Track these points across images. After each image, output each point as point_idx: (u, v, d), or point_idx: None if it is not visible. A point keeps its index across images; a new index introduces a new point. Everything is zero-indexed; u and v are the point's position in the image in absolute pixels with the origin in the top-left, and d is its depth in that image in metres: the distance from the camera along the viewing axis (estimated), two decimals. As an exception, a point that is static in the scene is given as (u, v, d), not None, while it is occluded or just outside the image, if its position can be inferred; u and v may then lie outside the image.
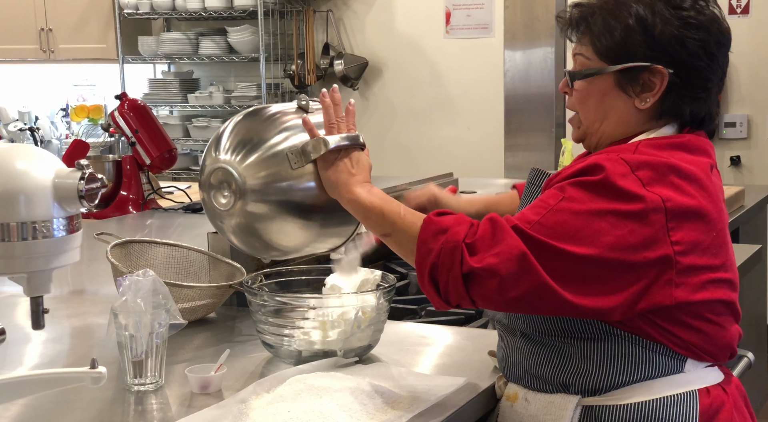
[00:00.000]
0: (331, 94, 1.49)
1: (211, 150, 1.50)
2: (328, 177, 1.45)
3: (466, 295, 1.29)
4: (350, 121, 1.50)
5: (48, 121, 6.00)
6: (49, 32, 5.80)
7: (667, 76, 1.35)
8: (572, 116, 1.48)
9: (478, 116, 5.37)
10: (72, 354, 1.74)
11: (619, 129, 1.41)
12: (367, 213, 1.41)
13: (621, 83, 1.38)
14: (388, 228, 1.39)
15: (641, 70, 1.36)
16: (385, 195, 1.43)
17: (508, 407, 1.45)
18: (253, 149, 1.46)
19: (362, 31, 5.66)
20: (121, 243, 1.86)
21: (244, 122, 1.52)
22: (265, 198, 1.46)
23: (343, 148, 1.46)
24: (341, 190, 1.44)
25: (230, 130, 1.51)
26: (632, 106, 1.39)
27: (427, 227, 1.33)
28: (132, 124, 3.31)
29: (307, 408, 1.31)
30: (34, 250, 1.11)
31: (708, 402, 1.37)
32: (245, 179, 1.45)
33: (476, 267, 1.26)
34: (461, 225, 1.31)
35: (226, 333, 1.78)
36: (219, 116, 5.86)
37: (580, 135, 1.47)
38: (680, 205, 1.29)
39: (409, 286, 2.25)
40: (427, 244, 1.31)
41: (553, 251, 1.26)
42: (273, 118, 1.51)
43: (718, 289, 1.36)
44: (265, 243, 1.51)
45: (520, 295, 1.27)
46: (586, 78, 1.40)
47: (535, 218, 1.28)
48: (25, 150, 1.13)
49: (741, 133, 4.84)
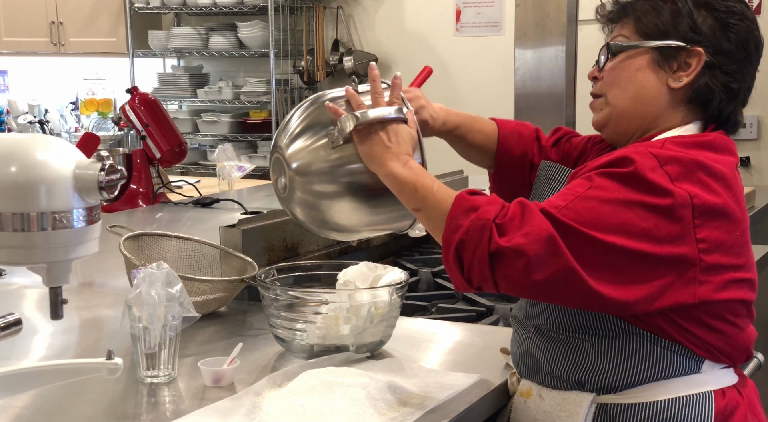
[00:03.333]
0: (370, 69, 1.52)
1: (279, 134, 1.53)
2: (364, 151, 1.44)
3: (490, 276, 1.28)
4: (394, 94, 1.50)
5: (57, 115, 6.01)
6: (60, 26, 5.81)
7: (704, 57, 1.37)
8: (594, 101, 1.47)
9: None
10: (80, 345, 1.74)
11: (648, 108, 1.41)
12: (400, 187, 1.40)
13: (658, 60, 1.39)
14: (419, 202, 1.37)
15: (679, 50, 1.38)
16: (422, 169, 1.42)
17: (521, 403, 1.45)
18: (305, 134, 1.48)
19: (372, 28, 5.66)
20: (134, 235, 1.86)
21: (305, 108, 1.53)
22: (318, 181, 1.47)
23: (379, 121, 1.44)
24: (377, 163, 1.42)
25: (288, 118, 1.54)
26: (665, 84, 1.40)
27: (459, 204, 1.32)
28: (143, 118, 3.32)
29: (320, 402, 1.31)
30: (54, 241, 1.11)
31: (723, 403, 1.37)
32: (291, 164, 1.47)
33: (504, 246, 1.25)
34: (493, 204, 1.30)
35: (238, 327, 1.78)
36: (228, 111, 5.87)
37: (603, 119, 1.46)
38: (707, 202, 1.29)
39: (420, 283, 2.25)
40: (456, 220, 1.30)
41: (580, 236, 1.25)
42: (324, 103, 1.52)
43: (740, 289, 1.35)
44: (326, 223, 1.51)
45: (545, 278, 1.25)
46: (625, 51, 1.41)
47: (563, 204, 1.28)
48: (45, 140, 1.13)
49: (751, 134, 4.83)
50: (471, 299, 2.06)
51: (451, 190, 1.37)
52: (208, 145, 5.95)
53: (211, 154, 5.67)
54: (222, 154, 3.64)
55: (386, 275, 1.62)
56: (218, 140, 5.74)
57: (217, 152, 3.66)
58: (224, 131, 5.80)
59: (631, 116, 1.42)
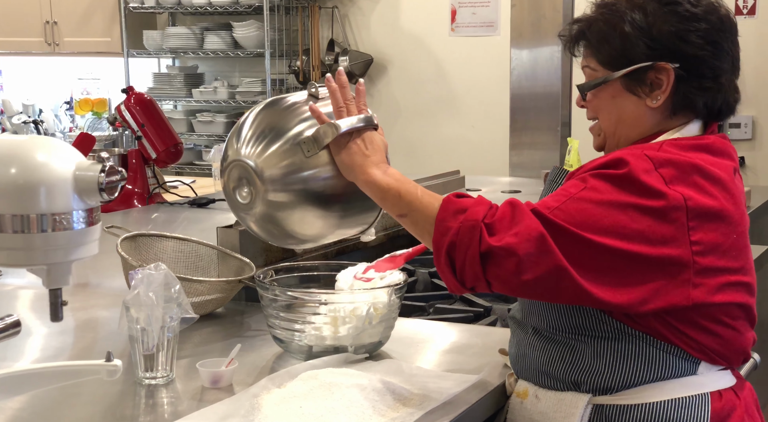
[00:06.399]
0: (336, 77, 1.49)
1: (232, 142, 1.50)
2: (342, 160, 1.44)
3: (482, 276, 1.28)
4: (360, 101, 1.49)
5: (52, 114, 5.99)
6: (54, 25, 5.80)
7: (672, 71, 1.36)
8: (592, 125, 1.48)
9: (483, 114, 5.37)
10: (76, 347, 1.73)
11: (636, 130, 1.41)
12: (383, 195, 1.41)
13: (629, 86, 1.39)
14: (405, 208, 1.38)
15: (646, 70, 1.37)
16: (402, 175, 1.43)
17: (518, 404, 1.45)
18: (269, 141, 1.46)
19: (367, 28, 5.66)
20: (131, 236, 1.86)
21: (261, 114, 1.52)
22: (285, 188, 1.45)
23: (355, 130, 1.45)
24: (356, 172, 1.43)
25: (248, 122, 1.51)
26: (644, 106, 1.39)
27: (447, 207, 1.33)
28: (138, 118, 3.31)
29: (319, 404, 1.31)
30: (54, 242, 1.11)
31: (720, 405, 1.37)
32: (262, 172, 1.45)
33: (495, 246, 1.26)
34: (481, 205, 1.31)
35: (235, 328, 1.78)
36: (223, 111, 5.86)
37: (601, 143, 1.47)
38: (702, 205, 1.29)
39: (417, 283, 2.24)
40: (445, 223, 1.31)
41: (571, 236, 1.26)
42: (288, 108, 1.51)
43: (736, 293, 1.35)
44: (288, 233, 1.51)
45: (536, 278, 1.26)
46: (594, 88, 1.42)
47: (555, 204, 1.29)
48: (45, 141, 1.13)
49: (746, 134, 4.85)
50: (468, 300, 2.06)
51: (435, 193, 1.38)
52: (203, 145, 5.94)
53: (206, 154, 5.67)
54: (218, 154, 3.63)
55: (384, 277, 1.61)
56: (213, 140, 5.74)
57: (213, 152, 3.66)
58: (220, 131, 5.80)
59: (625, 138, 1.43)
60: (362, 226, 1.56)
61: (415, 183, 1.41)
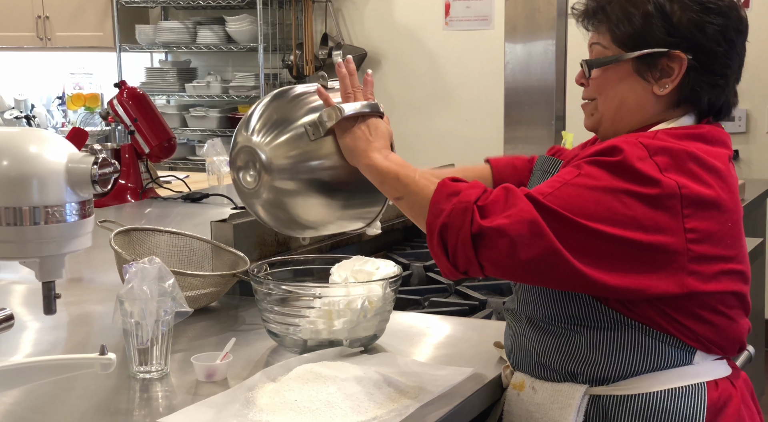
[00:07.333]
0: (346, 64, 1.53)
1: (241, 130, 1.54)
2: (346, 144, 1.48)
3: (475, 258, 1.28)
4: (368, 90, 1.54)
5: (44, 109, 5.97)
6: (46, 20, 5.77)
7: (686, 61, 1.36)
8: (586, 103, 1.47)
9: (477, 108, 5.36)
10: (70, 341, 1.73)
11: (637, 116, 1.41)
12: (382, 178, 1.44)
13: (640, 70, 1.38)
14: (402, 191, 1.40)
15: (660, 56, 1.36)
16: (402, 160, 1.45)
17: (514, 396, 1.45)
18: (276, 128, 1.50)
19: (361, 22, 5.64)
20: (124, 230, 1.85)
21: (269, 103, 1.56)
22: (292, 175, 1.49)
23: (360, 115, 1.49)
24: (359, 156, 1.46)
25: (257, 111, 1.55)
26: (650, 93, 1.39)
27: (441, 190, 1.34)
28: (131, 113, 3.30)
29: (315, 397, 1.31)
30: (47, 235, 1.10)
31: (716, 395, 1.37)
32: (270, 158, 1.48)
33: (486, 226, 1.26)
34: (474, 188, 1.32)
35: (230, 322, 1.77)
36: (216, 106, 5.84)
37: (594, 122, 1.46)
38: (696, 193, 1.29)
39: (412, 277, 2.24)
40: (439, 205, 1.32)
41: (565, 221, 1.26)
42: (296, 97, 1.55)
43: (731, 281, 1.35)
44: (293, 219, 1.54)
45: (530, 259, 1.25)
46: (604, 66, 1.40)
47: (549, 190, 1.29)
48: (37, 134, 1.12)
49: (740, 127, 4.84)
50: (464, 293, 2.06)
51: (433, 178, 1.38)
52: (196, 140, 5.93)
53: (199, 149, 5.64)
54: (211, 148, 3.63)
55: (379, 269, 1.61)
56: (207, 135, 5.71)
57: (206, 147, 3.65)
58: (213, 126, 5.78)
59: (621, 122, 1.42)
60: (367, 217, 1.58)
61: (415, 168, 1.42)
